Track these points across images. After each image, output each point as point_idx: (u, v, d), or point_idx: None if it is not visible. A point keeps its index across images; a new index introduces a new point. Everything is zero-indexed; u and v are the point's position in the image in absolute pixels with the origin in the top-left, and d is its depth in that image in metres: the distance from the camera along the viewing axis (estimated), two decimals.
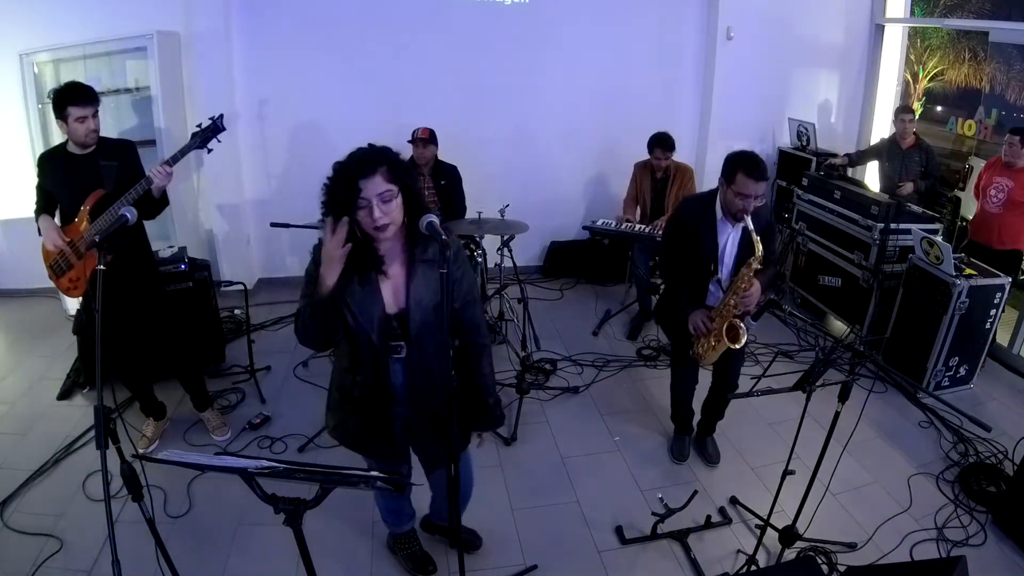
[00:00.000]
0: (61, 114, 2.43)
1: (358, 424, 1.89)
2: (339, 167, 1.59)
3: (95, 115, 2.49)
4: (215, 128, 2.66)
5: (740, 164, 2.37)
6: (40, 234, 2.61)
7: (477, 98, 4.77)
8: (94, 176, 2.51)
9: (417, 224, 1.66)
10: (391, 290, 1.73)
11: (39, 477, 2.70)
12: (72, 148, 2.53)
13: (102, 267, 1.71)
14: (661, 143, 4.12)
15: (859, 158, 4.82)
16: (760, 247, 2.38)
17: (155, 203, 2.57)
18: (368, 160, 1.58)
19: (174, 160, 2.54)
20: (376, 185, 1.56)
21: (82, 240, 2.51)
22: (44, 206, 2.61)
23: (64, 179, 2.53)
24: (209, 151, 2.68)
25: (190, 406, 3.10)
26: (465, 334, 1.88)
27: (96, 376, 1.61)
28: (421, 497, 2.35)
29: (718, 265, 2.58)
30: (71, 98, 2.42)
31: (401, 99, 4.58)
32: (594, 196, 5.27)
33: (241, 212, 4.57)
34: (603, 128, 5.09)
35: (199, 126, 2.65)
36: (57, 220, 2.61)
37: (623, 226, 4.18)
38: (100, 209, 2.46)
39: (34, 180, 2.63)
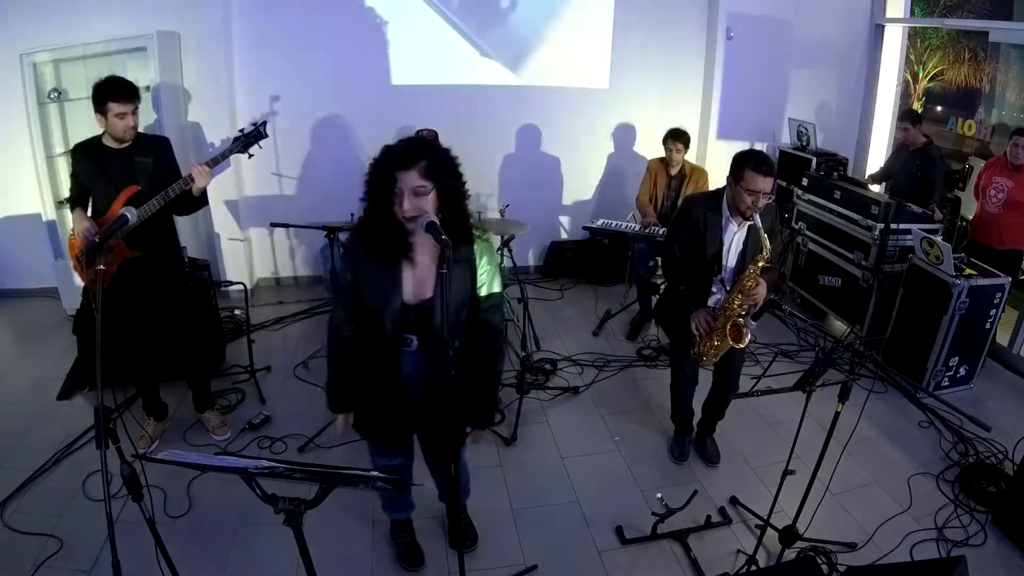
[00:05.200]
0: (100, 108, 2.43)
1: (367, 405, 1.94)
2: (384, 152, 1.64)
3: (135, 112, 2.49)
4: (257, 134, 2.63)
5: (747, 160, 2.38)
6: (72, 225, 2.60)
7: (477, 98, 4.77)
8: (128, 171, 2.51)
9: (454, 222, 1.69)
10: (414, 281, 1.76)
11: (39, 477, 2.70)
12: (108, 141, 2.53)
13: (101, 267, 1.71)
14: (674, 134, 4.11)
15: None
16: (768, 245, 2.38)
17: (194, 201, 2.59)
18: (409, 153, 1.61)
19: (214, 162, 2.55)
20: (411, 179, 1.59)
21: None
22: (78, 197, 2.60)
23: (98, 172, 2.52)
24: (250, 156, 2.65)
25: (190, 406, 3.10)
26: (486, 335, 1.89)
27: (96, 376, 1.61)
28: (425, 489, 2.38)
29: (722, 264, 2.59)
30: (112, 94, 2.42)
31: (403, 98, 4.59)
32: (594, 196, 5.27)
33: (241, 212, 4.56)
34: (603, 128, 5.09)
35: (241, 130, 2.63)
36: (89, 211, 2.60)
37: (648, 229, 4.14)
38: (133, 204, 2.44)
39: (68, 169, 2.65)
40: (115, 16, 3.91)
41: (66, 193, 4.06)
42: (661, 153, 4.23)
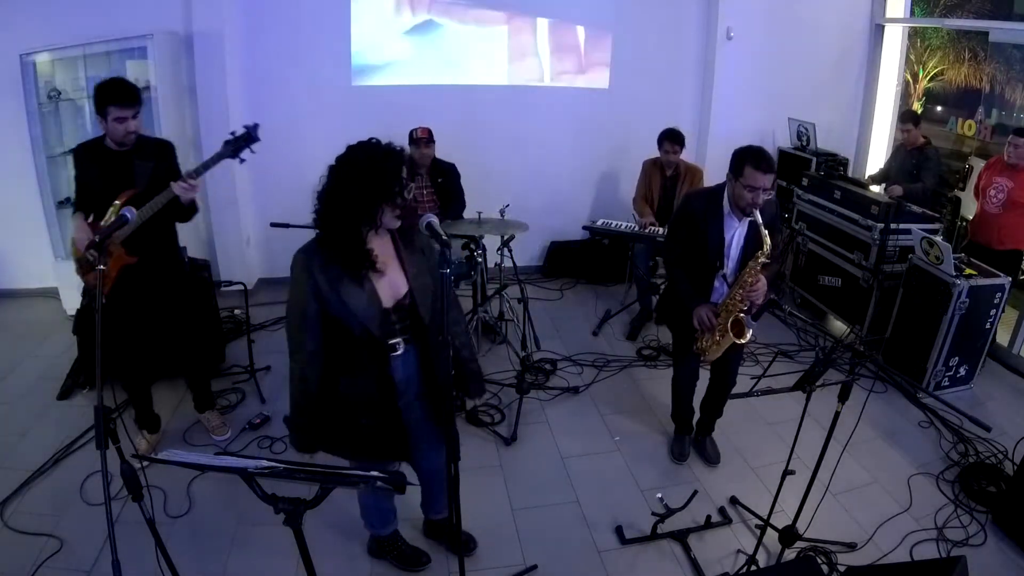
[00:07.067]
0: (100, 111, 2.40)
1: (368, 428, 1.87)
2: (395, 154, 1.68)
3: (135, 116, 2.45)
4: (249, 137, 2.54)
5: (747, 157, 2.38)
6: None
7: (477, 98, 4.77)
8: (128, 174, 2.48)
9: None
10: (386, 284, 1.77)
11: (39, 477, 2.70)
12: (109, 144, 2.50)
13: (101, 268, 1.72)
14: (671, 136, 4.12)
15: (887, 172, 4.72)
16: (768, 241, 2.38)
17: (184, 209, 2.56)
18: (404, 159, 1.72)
19: (198, 172, 2.48)
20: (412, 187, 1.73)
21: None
22: (81, 199, 2.57)
23: (97, 174, 2.50)
24: (242, 161, 2.56)
25: (190, 406, 3.10)
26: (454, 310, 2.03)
27: (96, 376, 1.61)
28: (405, 500, 2.30)
29: (723, 260, 2.59)
30: (112, 97, 2.38)
31: (401, 97, 4.58)
32: (594, 196, 5.27)
33: (241, 212, 4.56)
34: (603, 128, 5.08)
35: (232, 134, 2.55)
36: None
37: (647, 229, 4.15)
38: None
39: (72, 171, 2.60)
40: (115, 16, 3.91)
41: (66, 193, 4.11)
42: (655, 154, 4.23)
